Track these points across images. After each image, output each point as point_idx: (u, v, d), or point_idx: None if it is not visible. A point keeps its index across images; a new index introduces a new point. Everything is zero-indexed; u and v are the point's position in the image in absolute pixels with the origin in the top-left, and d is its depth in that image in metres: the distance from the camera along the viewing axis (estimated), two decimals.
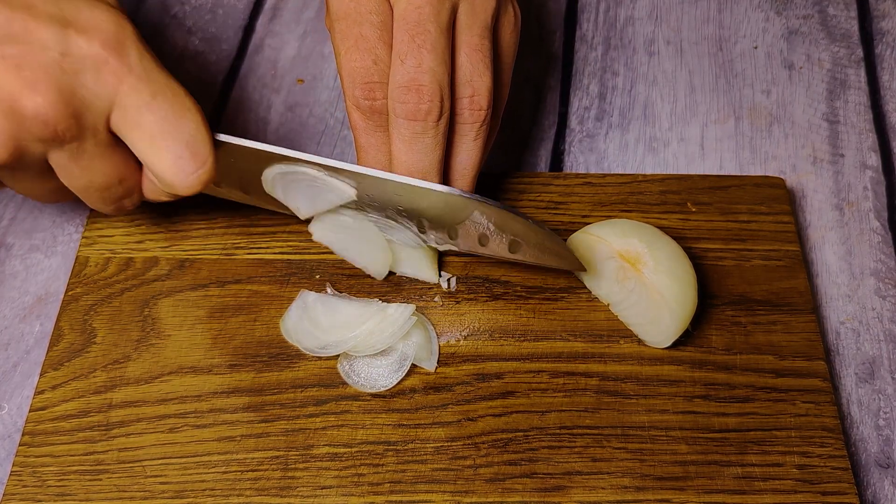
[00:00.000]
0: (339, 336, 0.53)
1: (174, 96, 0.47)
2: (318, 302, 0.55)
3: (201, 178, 0.48)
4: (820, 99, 0.70)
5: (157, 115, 0.46)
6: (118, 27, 0.46)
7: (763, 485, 0.50)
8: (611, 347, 0.54)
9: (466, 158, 0.53)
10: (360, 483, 0.49)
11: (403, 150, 0.51)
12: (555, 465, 0.50)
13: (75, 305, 0.56)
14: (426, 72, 0.49)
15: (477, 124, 0.52)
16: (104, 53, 0.45)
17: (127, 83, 0.46)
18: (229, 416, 0.52)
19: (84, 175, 0.48)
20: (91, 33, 0.45)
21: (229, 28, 0.75)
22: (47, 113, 0.44)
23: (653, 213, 0.60)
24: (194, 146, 0.47)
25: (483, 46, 0.52)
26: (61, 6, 0.45)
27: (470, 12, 0.51)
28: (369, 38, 0.51)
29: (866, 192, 0.65)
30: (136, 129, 0.47)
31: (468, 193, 0.51)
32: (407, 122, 0.50)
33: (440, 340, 0.55)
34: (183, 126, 0.47)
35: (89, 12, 0.46)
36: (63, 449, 0.50)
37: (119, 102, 0.46)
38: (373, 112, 0.51)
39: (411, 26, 0.50)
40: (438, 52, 0.50)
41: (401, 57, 0.50)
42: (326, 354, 0.53)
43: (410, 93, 0.49)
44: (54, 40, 0.44)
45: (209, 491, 0.49)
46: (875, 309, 0.60)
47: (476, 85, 0.51)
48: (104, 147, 0.47)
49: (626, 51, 0.74)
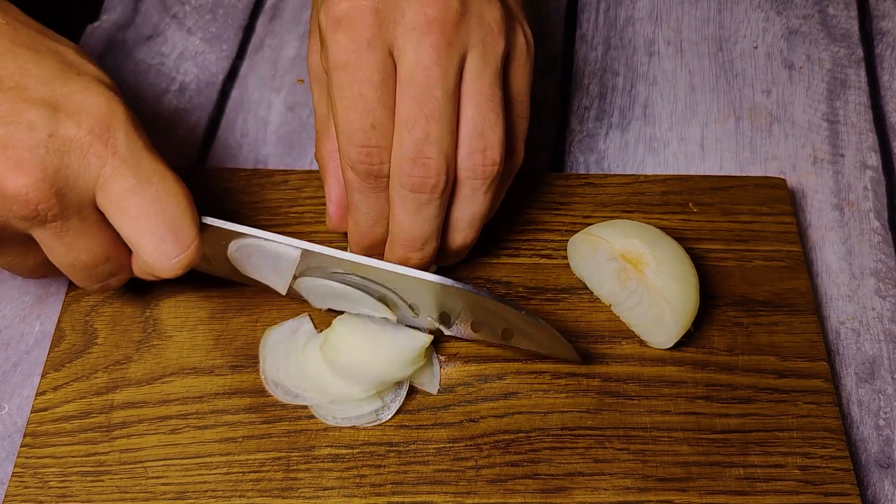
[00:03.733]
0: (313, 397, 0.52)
1: (160, 181, 0.47)
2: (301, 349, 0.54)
3: (182, 263, 0.48)
4: (820, 99, 0.70)
5: (142, 198, 0.47)
6: (109, 110, 0.46)
7: (765, 485, 0.50)
8: (613, 348, 0.54)
9: (474, 211, 0.52)
10: (362, 484, 0.49)
11: (406, 218, 0.50)
12: (557, 466, 0.50)
13: (76, 306, 0.56)
14: (433, 143, 0.48)
15: (489, 180, 0.50)
16: (90, 137, 0.45)
17: (111, 166, 0.46)
18: (231, 417, 0.52)
19: (69, 253, 0.48)
20: (80, 116, 0.46)
21: (229, 28, 0.75)
22: (28, 193, 0.44)
23: (654, 214, 0.60)
24: (178, 230, 0.47)
25: (494, 96, 0.49)
26: (54, 88, 0.46)
27: (480, 59, 0.49)
28: (369, 99, 0.48)
29: (866, 192, 0.65)
30: (120, 211, 0.47)
31: (462, 284, 0.50)
32: (413, 194, 0.49)
33: (442, 340, 0.55)
34: (167, 210, 0.47)
35: (81, 96, 0.46)
36: (65, 450, 0.50)
37: (102, 184, 0.46)
38: (369, 175, 0.49)
39: (418, 92, 0.47)
40: (445, 121, 0.48)
41: (407, 127, 0.47)
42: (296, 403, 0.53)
43: (417, 167, 0.48)
44: (43, 122, 0.45)
45: (211, 492, 0.49)
46: (875, 309, 0.60)
47: (488, 138, 0.49)
48: (90, 225, 0.47)
49: (626, 51, 0.74)
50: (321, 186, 0.61)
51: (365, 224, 0.52)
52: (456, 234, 0.53)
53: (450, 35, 0.47)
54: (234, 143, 0.67)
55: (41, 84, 0.46)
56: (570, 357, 0.53)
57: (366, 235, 0.52)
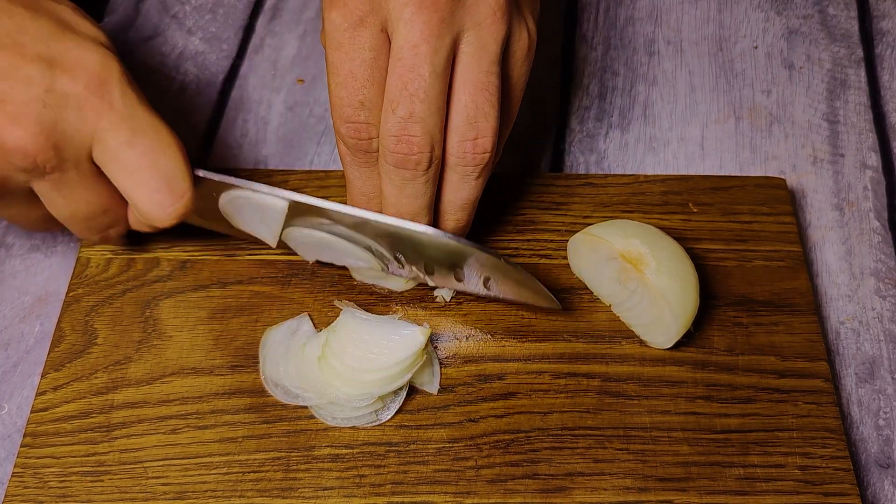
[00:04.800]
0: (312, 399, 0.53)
1: (155, 133, 0.49)
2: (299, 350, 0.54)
3: (178, 212, 0.50)
4: (820, 99, 0.70)
5: (137, 150, 0.48)
6: (103, 66, 0.48)
7: (765, 486, 0.50)
8: (613, 348, 0.54)
9: (465, 196, 0.52)
10: (362, 484, 0.49)
11: (393, 194, 0.51)
12: (557, 466, 0.50)
13: (76, 306, 0.56)
14: (417, 122, 0.48)
15: (480, 167, 0.51)
16: (86, 92, 0.47)
17: (107, 120, 0.48)
18: (231, 417, 0.52)
19: (68, 205, 0.50)
20: (76, 72, 0.47)
21: (229, 28, 0.75)
22: (27, 145, 0.46)
23: (654, 214, 0.60)
24: (172, 181, 0.49)
25: (490, 84, 0.49)
26: (50, 45, 0.48)
27: (476, 42, 0.49)
28: (359, 76, 0.49)
29: (866, 192, 0.65)
30: (116, 163, 0.48)
31: (452, 236, 0.51)
32: (397, 169, 0.49)
33: (442, 340, 0.55)
34: (162, 162, 0.49)
35: (77, 52, 0.48)
36: (64, 450, 0.50)
37: (99, 138, 0.48)
38: (358, 150, 0.50)
39: (405, 70, 0.48)
40: (431, 100, 0.48)
41: (392, 105, 0.48)
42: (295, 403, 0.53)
43: (401, 143, 0.48)
44: (39, 77, 0.46)
45: (210, 492, 0.49)
46: (875, 309, 0.60)
47: (481, 127, 0.49)
48: (87, 178, 0.49)
49: (626, 51, 0.74)
50: (321, 187, 0.61)
51: (360, 198, 0.53)
52: (449, 217, 0.53)
53: (443, 12, 0.47)
54: (234, 143, 0.67)
55: (37, 41, 0.47)
56: (550, 305, 0.54)
57: (361, 209, 0.53)
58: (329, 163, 0.66)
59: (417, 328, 0.52)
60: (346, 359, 0.51)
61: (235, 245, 0.58)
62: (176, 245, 0.58)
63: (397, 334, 0.52)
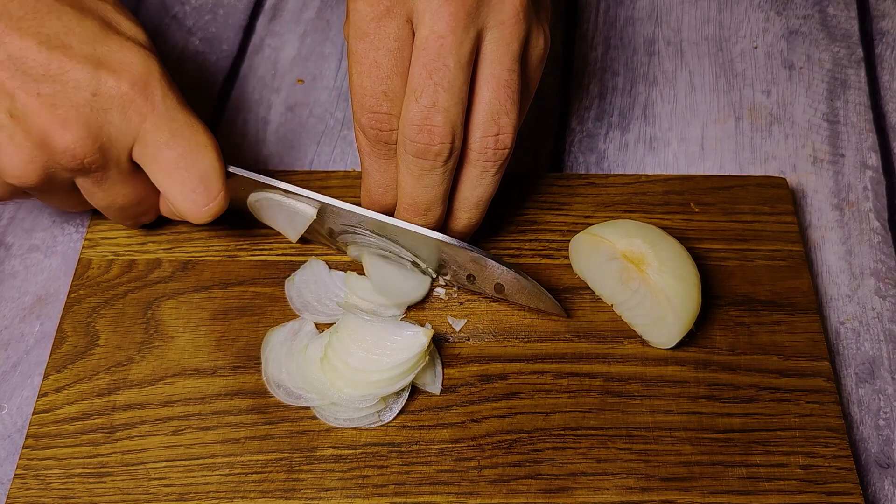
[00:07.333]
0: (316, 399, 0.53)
1: (192, 134, 0.51)
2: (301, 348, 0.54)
3: (212, 211, 0.52)
4: (820, 99, 0.70)
5: (176, 151, 0.51)
6: (146, 68, 0.50)
7: (767, 485, 0.50)
8: (615, 348, 0.54)
9: (482, 192, 0.53)
10: (365, 485, 0.49)
11: (410, 184, 0.51)
12: (559, 466, 0.50)
13: (78, 308, 0.55)
14: (440, 112, 0.48)
15: (500, 163, 0.51)
16: (131, 93, 0.49)
17: (150, 121, 0.50)
18: (233, 418, 0.52)
19: (106, 197, 0.53)
20: (121, 74, 0.49)
21: (229, 28, 0.75)
22: (76, 148, 0.48)
23: (656, 214, 0.60)
24: (207, 182, 0.51)
25: (512, 82, 0.50)
26: (96, 46, 0.49)
27: (499, 40, 0.49)
28: (383, 66, 0.49)
29: (866, 192, 0.65)
30: (155, 162, 0.51)
31: (460, 243, 0.52)
32: (416, 159, 0.50)
33: (444, 340, 0.55)
34: (198, 163, 0.51)
35: (121, 53, 0.50)
36: (66, 452, 0.50)
37: (141, 138, 0.50)
38: (378, 141, 0.51)
39: (430, 59, 0.48)
40: (455, 91, 0.48)
41: (415, 94, 0.48)
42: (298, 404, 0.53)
43: (422, 133, 0.49)
44: (87, 80, 0.48)
45: (213, 493, 0.49)
46: (875, 309, 0.60)
47: (503, 123, 0.50)
48: (125, 175, 0.52)
49: (626, 51, 0.74)
50: (322, 187, 0.61)
51: (376, 190, 0.53)
52: (462, 214, 0.54)
53: (469, 7, 0.48)
54: (234, 143, 0.67)
55: (84, 42, 0.49)
56: (557, 312, 0.55)
57: (376, 201, 0.54)
58: (329, 163, 0.66)
59: (420, 329, 0.51)
60: (348, 360, 0.51)
61: (237, 246, 0.58)
62: (177, 246, 0.58)
63: (400, 335, 0.52)
